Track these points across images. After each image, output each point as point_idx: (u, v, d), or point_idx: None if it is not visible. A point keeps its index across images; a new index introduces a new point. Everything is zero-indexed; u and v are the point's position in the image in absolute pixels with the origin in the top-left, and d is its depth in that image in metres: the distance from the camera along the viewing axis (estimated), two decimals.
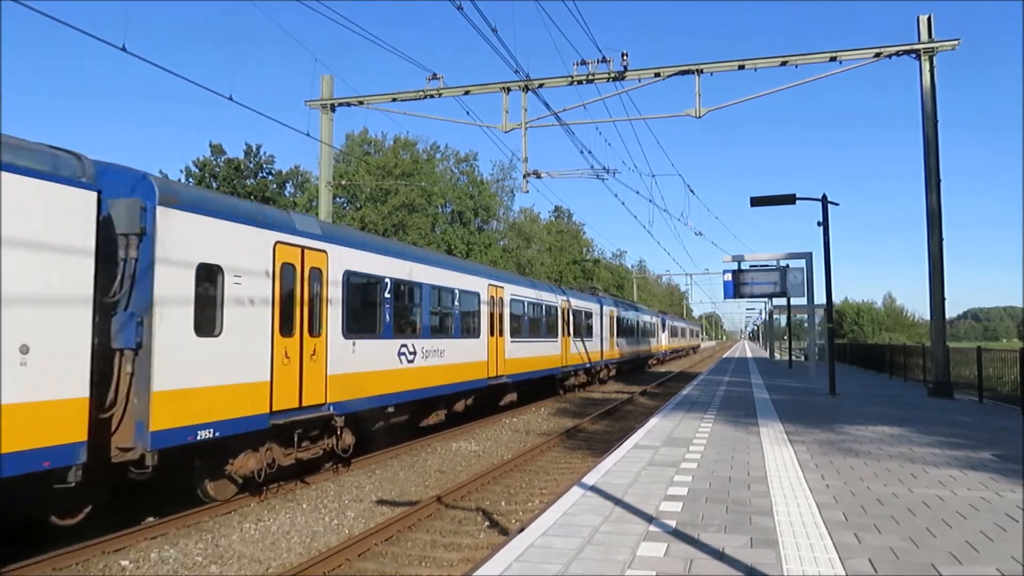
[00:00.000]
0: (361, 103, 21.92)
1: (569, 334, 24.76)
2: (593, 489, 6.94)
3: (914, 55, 17.39)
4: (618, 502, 6.39)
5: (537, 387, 22.58)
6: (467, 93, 20.67)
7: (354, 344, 11.11)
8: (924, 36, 17.29)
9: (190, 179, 40.74)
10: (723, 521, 5.71)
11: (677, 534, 5.35)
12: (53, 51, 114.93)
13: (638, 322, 40.43)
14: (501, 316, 18.21)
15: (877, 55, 17.80)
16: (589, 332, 27.95)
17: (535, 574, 4.53)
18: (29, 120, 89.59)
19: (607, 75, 19.14)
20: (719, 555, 4.84)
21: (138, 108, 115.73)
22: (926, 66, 17.17)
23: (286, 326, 9.56)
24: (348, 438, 11.02)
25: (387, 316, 12.24)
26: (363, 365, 11.33)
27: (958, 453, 8.88)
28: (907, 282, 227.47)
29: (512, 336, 18.91)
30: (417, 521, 8.69)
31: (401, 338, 12.74)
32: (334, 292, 10.68)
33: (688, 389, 20.01)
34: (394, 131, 54.89)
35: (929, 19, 17.27)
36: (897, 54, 17.59)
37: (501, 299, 18.26)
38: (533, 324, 21.09)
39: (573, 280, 62.77)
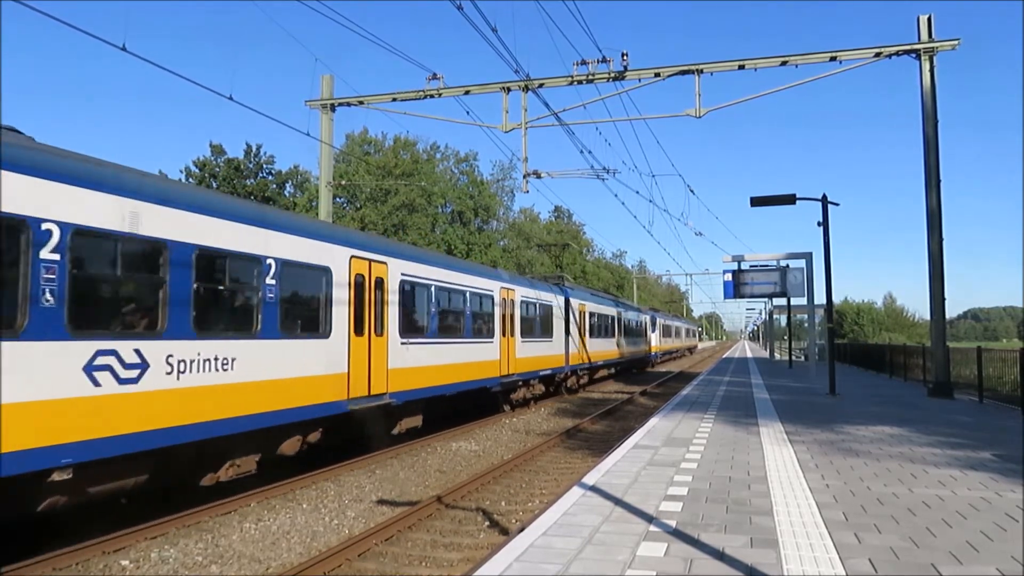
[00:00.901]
0: (361, 103, 21.93)
1: (514, 333, 19.34)
2: (593, 489, 6.94)
3: (914, 55, 17.40)
4: (618, 502, 6.39)
5: (472, 404, 17.67)
6: (467, 93, 20.67)
7: None
8: (924, 36, 17.30)
9: (190, 179, 40.78)
10: (723, 521, 5.71)
11: (677, 534, 5.36)
12: (53, 50, 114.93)
13: (619, 320, 33.82)
14: (381, 305, 12.48)
15: (877, 55, 17.81)
16: (548, 331, 22.25)
17: (535, 574, 4.53)
18: (29, 120, 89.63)
19: (607, 75, 19.15)
20: (719, 555, 4.84)
21: (138, 108, 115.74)
22: (926, 66, 17.18)
23: None
24: None
25: (48, 296, 6.65)
26: None
27: (958, 453, 8.89)
28: (907, 282, 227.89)
29: (406, 335, 13.31)
30: (417, 521, 8.69)
31: (99, 338, 7.14)
32: None
33: (688, 389, 20.01)
34: (394, 131, 55.03)
35: (929, 19, 17.28)
36: (897, 54, 17.60)
37: (381, 280, 12.57)
38: (448, 319, 15.50)
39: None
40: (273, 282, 9.69)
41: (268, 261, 9.66)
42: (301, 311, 10.58)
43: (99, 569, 7.03)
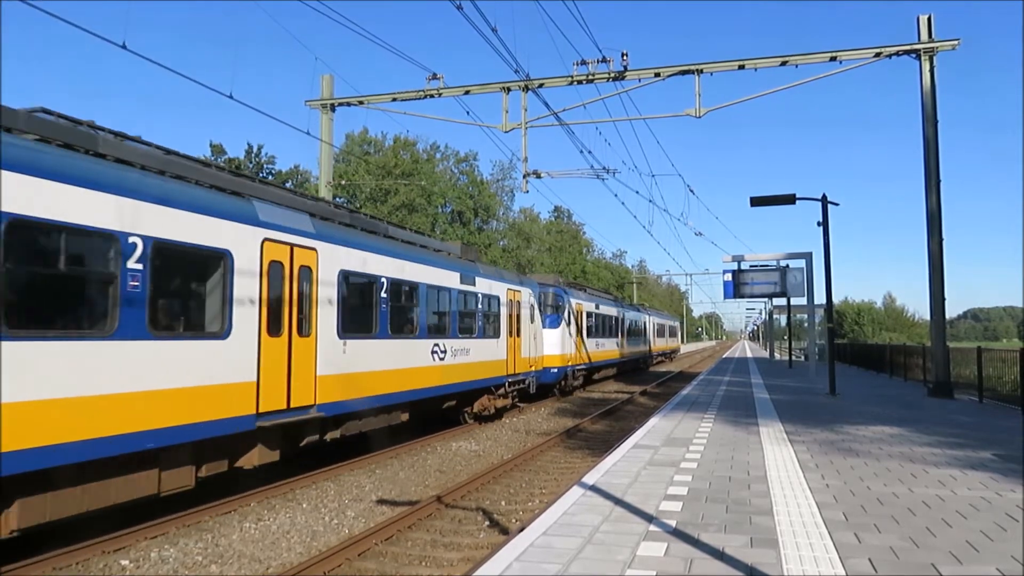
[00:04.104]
0: (361, 103, 21.95)
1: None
2: (593, 489, 6.94)
3: (914, 55, 17.41)
4: (618, 502, 6.39)
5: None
6: (467, 93, 20.69)
7: None
8: (924, 36, 17.31)
9: None
10: (723, 521, 5.71)
11: (677, 534, 5.36)
12: (53, 49, 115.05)
13: (450, 297, 15.19)
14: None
15: (877, 55, 17.82)
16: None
17: (535, 574, 4.53)
18: None
19: (607, 75, 19.16)
20: (719, 555, 4.84)
21: (138, 107, 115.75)
22: (926, 66, 17.19)
23: None
24: None
25: None
26: None
27: (958, 453, 8.89)
28: (907, 282, 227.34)
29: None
30: (417, 521, 8.69)
31: None
32: None
33: (688, 389, 20.02)
34: (394, 131, 55.07)
35: (929, 19, 17.29)
36: (897, 54, 17.62)
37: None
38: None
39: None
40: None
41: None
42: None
43: (99, 569, 7.03)
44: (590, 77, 19.34)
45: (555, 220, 74.01)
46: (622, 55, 18.89)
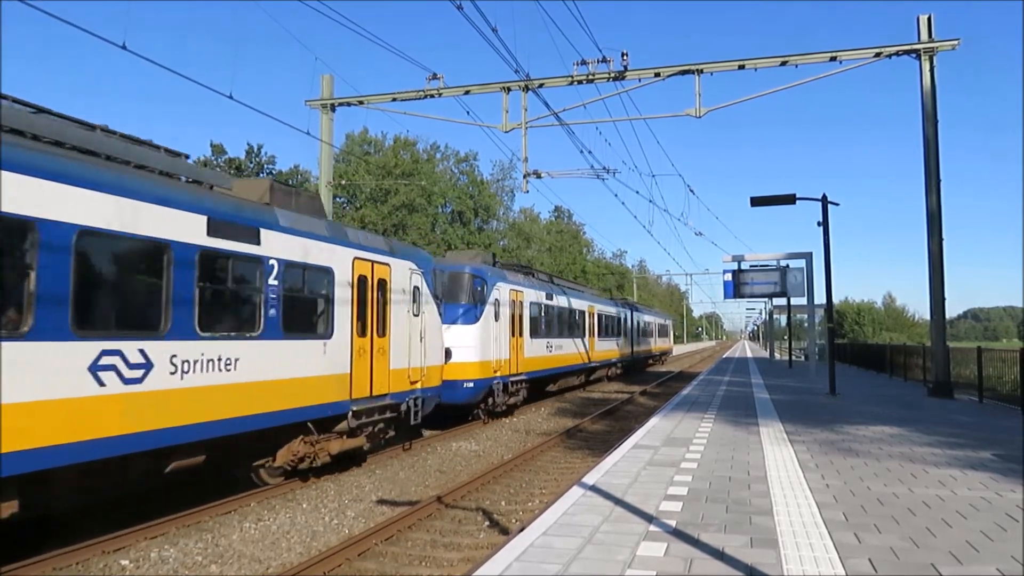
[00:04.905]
0: (361, 103, 21.95)
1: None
2: (593, 489, 6.94)
3: (914, 55, 17.41)
4: (618, 502, 6.39)
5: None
6: (467, 93, 20.69)
7: None
8: (924, 36, 17.31)
9: None
10: (723, 521, 5.71)
11: (677, 534, 5.35)
12: (53, 49, 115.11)
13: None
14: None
15: (877, 55, 17.82)
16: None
17: (535, 574, 4.53)
18: None
19: (607, 75, 19.16)
20: (719, 555, 4.84)
21: (138, 107, 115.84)
22: (926, 66, 17.19)
23: None
24: None
25: None
26: None
27: (958, 453, 8.88)
28: (907, 282, 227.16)
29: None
30: (417, 521, 8.69)
31: None
32: None
33: (688, 389, 20.01)
34: (394, 131, 55.08)
35: (929, 19, 17.29)
36: (897, 54, 17.62)
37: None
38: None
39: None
40: None
41: None
42: None
43: (99, 569, 7.03)
44: (590, 77, 19.34)
45: (555, 220, 74.08)
46: (622, 55, 18.89)
